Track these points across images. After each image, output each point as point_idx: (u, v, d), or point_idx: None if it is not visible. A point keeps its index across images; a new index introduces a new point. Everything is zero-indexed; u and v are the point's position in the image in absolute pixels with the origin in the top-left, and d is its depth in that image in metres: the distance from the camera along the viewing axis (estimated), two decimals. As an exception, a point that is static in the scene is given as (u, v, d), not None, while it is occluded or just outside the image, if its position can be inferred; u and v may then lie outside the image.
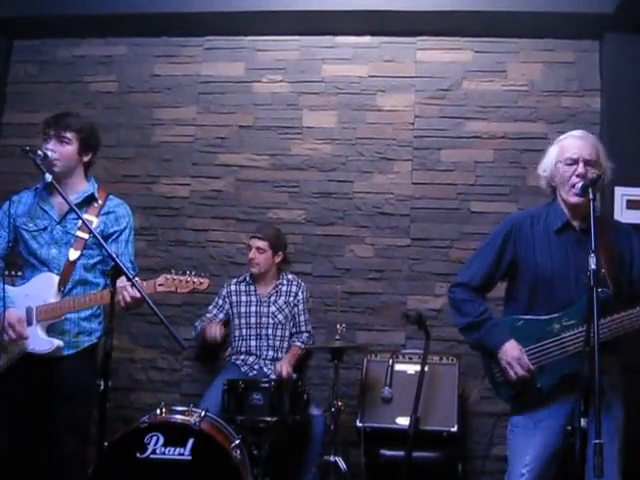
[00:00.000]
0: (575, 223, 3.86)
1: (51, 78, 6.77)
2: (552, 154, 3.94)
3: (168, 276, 4.05)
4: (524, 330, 3.83)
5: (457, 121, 6.19)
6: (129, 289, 3.91)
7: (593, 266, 3.30)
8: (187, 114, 6.49)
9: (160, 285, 4.04)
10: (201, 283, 4.08)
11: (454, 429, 5.15)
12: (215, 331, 5.57)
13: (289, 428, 5.01)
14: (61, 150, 4.24)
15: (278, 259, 5.80)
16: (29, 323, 4.12)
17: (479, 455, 5.65)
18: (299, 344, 5.71)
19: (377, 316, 6.07)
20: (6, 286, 4.15)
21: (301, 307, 5.79)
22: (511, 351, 3.78)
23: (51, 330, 4.15)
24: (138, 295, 3.84)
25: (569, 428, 3.37)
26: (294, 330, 5.78)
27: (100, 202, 4.37)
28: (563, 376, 3.72)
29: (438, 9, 5.98)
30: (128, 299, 3.89)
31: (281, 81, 6.43)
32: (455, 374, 5.39)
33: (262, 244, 5.72)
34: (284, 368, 5.41)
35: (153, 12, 6.33)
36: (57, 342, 4.11)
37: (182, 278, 4.05)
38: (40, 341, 4.11)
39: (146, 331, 6.18)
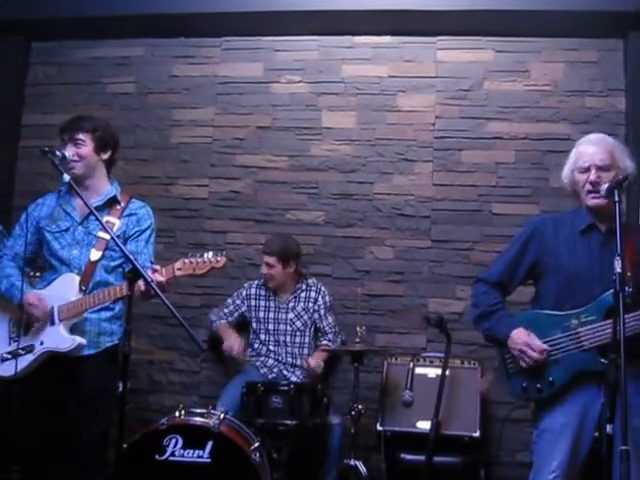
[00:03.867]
0: (600, 225, 3.85)
1: (69, 80, 6.76)
2: (570, 161, 3.98)
3: (186, 260, 4.04)
4: (539, 323, 3.83)
5: (478, 122, 6.13)
6: (150, 274, 3.90)
7: (618, 269, 3.30)
8: (205, 115, 6.46)
9: (179, 269, 4.03)
10: (218, 261, 4.05)
11: (476, 434, 5.12)
12: (237, 347, 5.56)
13: (309, 431, 4.96)
14: (78, 152, 4.25)
15: (291, 269, 5.72)
16: (52, 323, 4.14)
17: (502, 461, 5.58)
18: (325, 342, 5.68)
19: (397, 319, 6.01)
20: (30, 288, 4.21)
21: (322, 312, 5.73)
22: (520, 337, 3.80)
23: (73, 330, 4.15)
24: (161, 278, 3.90)
25: (597, 434, 3.34)
26: (319, 334, 5.75)
27: (122, 204, 4.39)
28: (577, 372, 3.71)
29: (459, 8, 5.92)
30: (143, 288, 3.86)
31: (300, 82, 6.39)
32: (477, 378, 5.35)
33: (270, 260, 5.66)
34: (313, 359, 5.44)
35: (171, 13, 6.31)
36: (79, 340, 4.12)
37: (199, 260, 4.03)
38: (63, 339, 4.12)
39: (165, 333, 6.16)
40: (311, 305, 5.74)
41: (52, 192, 4.48)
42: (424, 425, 5.07)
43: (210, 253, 4.05)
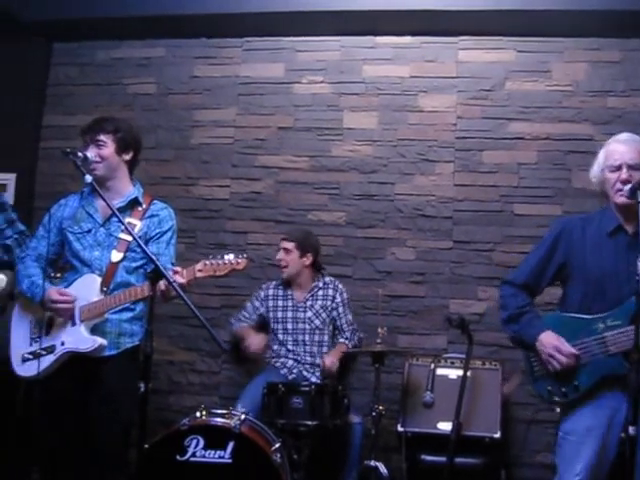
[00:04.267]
0: (627, 227, 3.80)
1: (90, 80, 6.80)
2: (599, 160, 3.91)
3: (207, 261, 4.01)
4: (566, 326, 3.77)
5: (500, 122, 6.11)
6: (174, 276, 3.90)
7: (640, 271, 3.26)
8: (226, 116, 6.48)
9: (199, 271, 4.00)
10: (238, 263, 4.01)
11: (497, 435, 5.08)
12: (256, 343, 5.53)
13: (329, 432, 4.95)
14: (99, 153, 4.24)
15: (307, 261, 5.69)
16: (73, 323, 4.13)
17: (523, 462, 5.56)
18: (343, 340, 5.64)
19: (419, 320, 6.01)
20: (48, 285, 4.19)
21: (340, 310, 5.70)
22: (549, 341, 3.74)
23: (94, 331, 4.14)
24: (182, 280, 3.89)
25: (623, 435, 3.31)
26: (336, 332, 5.72)
27: (144, 206, 4.37)
28: (603, 377, 3.66)
29: (480, 8, 5.90)
30: (163, 287, 3.86)
31: (321, 82, 6.39)
32: (498, 379, 5.32)
33: (289, 245, 5.65)
34: (328, 358, 5.39)
35: (192, 13, 6.32)
36: (100, 340, 4.10)
37: (220, 261, 4.00)
38: (83, 339, 4.10)
39: (185, 334, 6.17)
40: (329, 303, 5.71)
41: (75, 193, 4.47)
42: (445, 426, 5.05)
43: (231, 255, 4.02)
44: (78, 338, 4.11)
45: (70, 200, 4.43)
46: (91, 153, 4.21)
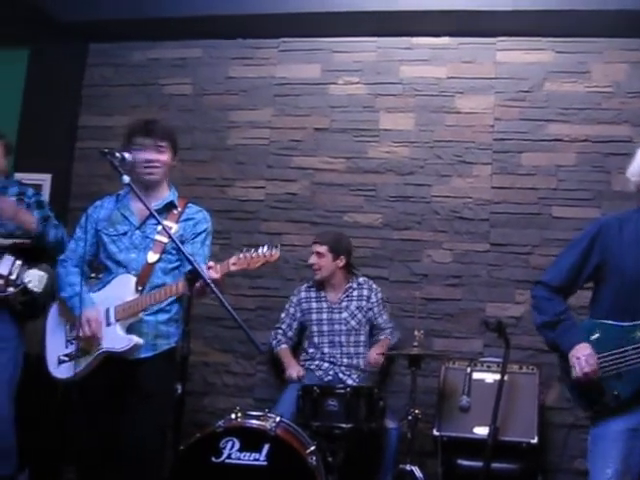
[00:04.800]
0: None
1: (126, 81, 6.83)
2: (638, 160, 3.82)
3: (240, 255, 4.03)
4: (604, 335, 3.70)
5: (538, 124, 6.04)
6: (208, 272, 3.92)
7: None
8: (262, 116, 6.47)
9: (234, 264, 4.01)
10: (272, 255, 4.03)
11: (534, 440, 5.03)
12: (297, 374, 5.52)
13: (364, 435, 4.91)
14: (161, 158, 4.28)
15: (341, 263, 5.68)
16: (108, 323, 4.14)
17: (560, 468, 5.49)
18: (385, 336, 5.65)
19: (455, 323, 5.96)
20: (91, 291, 4.23)
21: (377, 310, 5.69)
22: (582, 350, 3.67)
23: (130, 332, 4.15)
24: (215, 275, 3.91)
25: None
26: (375, 331, 5.71)
27: (179, 209, 4.39)
28: (642, 385, 3.62)
29: (518, 8, 5.84)
30: (197, 284, 3.85)
31: (358, 83, 6.36)
32: (535, 384, 5.27)
33: (321, 248, 5.65)
34: (373, 352, 5.44)
35: (228, 14, 6.33)
36: (136, 339, 4.11)
37: (253, 254, 4.01)
38: (119, 339, 4.11)
39: (220, 335, 6.18)
40: (364, 303, 5.70)
41: (110, 195, 4.50)
42: (481, 431, 5.02)
43: (265, 247, 4.04)
44: (114, 338, 4.12)
45: (105, 202, 4.45)
46: (149, 156, 4.24)
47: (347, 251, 5.72)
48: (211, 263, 3.99)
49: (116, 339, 4.11)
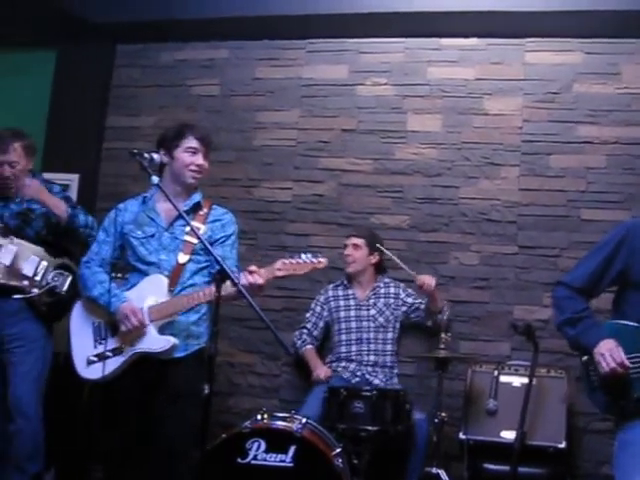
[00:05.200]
0: None
1: (153, 82, 6.85)
2: None
3: (286, 260, 4.07)
4: (627, 336, 3.63)
5: (567, 125, 5.99)
6: (248, 276, 3.95)
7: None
8: (289, 117, 6.47)
9: (279, 270, 4.06)
10: (320, 262, 4.08)
11: (562, 445, 4.99)
12: (325, 374, 5.52)
13: (390, 438, 4.87)
14: (204, 165, 4.36)
15: (374, 259, 5.73)
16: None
17: (587, 473, 5.45)
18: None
19: (482, 326, 5.91)
20: (122, 294, 4.22)
21: (409, 300, 5.74)
22: (606, 345, 3.60)
23: (162, 333, 4.15)
24: (260, 280, 3.97)
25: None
26: (412, 309, 5.75)
27: (205, 210, 4.41)
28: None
29: (547, 9, 5.80)
30: (231, 290, 3.86)
31: (385, 84, 6.34)
32: (563, 387, 5.22)
33: (358, 241, 5.69)
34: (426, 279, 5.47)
35: (255, 15, 6.33)
36: (174, 340, 4.11)
37: (300, 260, 4.06)
38: (155, 340, 4.12)
39: (245, 336, 6.17)
40: (392, 300, 5.71)
41: (133, 197, 4.51)
42: (508, 435, 4.98)
43: (309, 254, 4.07)
44: (149, 339, 4.13)
45: (129, 205, 4.45)
46: (200, 161, 4.32)
47: (380, 250, 5.75)
48: (253, 267, 4.01)
49: (152, 340, 4.12)
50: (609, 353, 3.58)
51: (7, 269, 4.82)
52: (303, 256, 4.05)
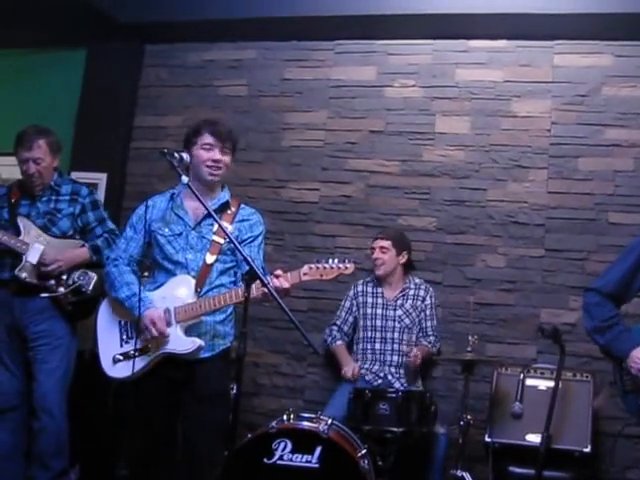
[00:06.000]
0: None
1: (181, 82, 6.88)
2: None
3: (312, 265, 4.05)
4: None
5: (596, 128, 5.96)
6: (274, 280, 3.93)
7: None
8: (317, 118, 6.48)
9: (305, 274, 4.04)
10: (347, 268, 4.04)
11: (587, 449, 4.97)
12: (353, 372, 5.51)
13: (415, 440, 4.87)
14: (225, 159, 4.31)
15: (403, 259, 5.73)
16: (168, 324, 4.13)
17: (612, 478, 5.42)
18: (426, 343, 5.62)
19: (508, 328, 5.89)
20: (144, 291, 4.20)
21: (428, 312, 5.70)
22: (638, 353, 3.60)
23: (188, 332, 4.15)
24: (286, 284, 3.95)
25: None
26: (420, 335, 5.68)
27: (233, 209, 4.39)
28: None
29: (577, 11, 5.77)
30: (259, 292, 3.86)
31: (413, 86, 6.34)
32: (589, 391, 5.20)
33: (385, 243, 5.68)
34: (414, 350, 5.39)
35: (283, 16, 6.35)
36: (199, 342, 4.10)
37: (327, 265, 4.03)
38: (181, 341, 4.12)
39: (271, 336, 6.19)
40: (419, 303, 5.70)
41: (160, 194, 4.49)
42: (534, 438, 4.96)
43: (336, 259, 4.05)
44: (175, 340, 4.12)
45: (157, 202, 4.42)
46: (219, 157, 4.26)
47: (409, 248, 5.78)
48: (279, 272, 4.00)
49: (178, 341, 4.12)
50: None
51: (34, 268, 4.87)
52: (330, 261, 4.03)
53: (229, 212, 4.36)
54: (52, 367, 4.89)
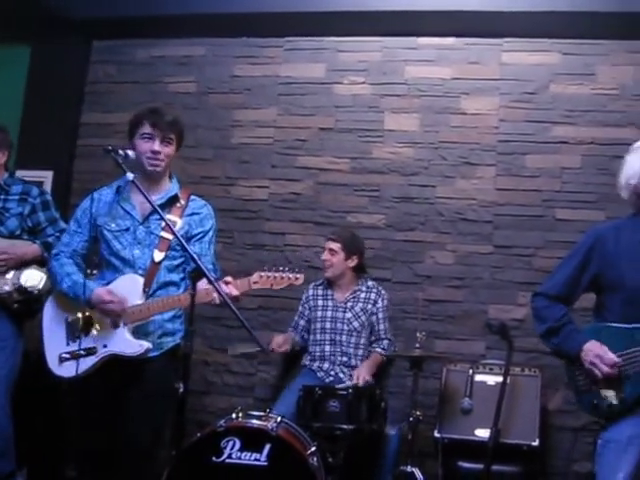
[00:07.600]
0: None
1: (130, 78, 6.82)
2: (637, 163, 3.81)
3: (262, 273, 4.02)
4: (608, 337, 3.66)
5: (543, 125, 6.02)
6: (224, 287, 3.84)
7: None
8: (267, 116, 6.46)
9: (255, 283, 4.02)
10: (297, 278, 4.07)
11: (535, 443, 5.04)
12: (279, 341, 5.50)
13: (365, 436, 4.89)
14: (167, 151, 4.16)
15: (352, 263, 5.65)
16: (115, 325, 4.06)
17: (560, 471, 5.47)
18: (380, 350, 5.57)
19: (457, 325, 5.94)
20: (92, 284, 4.10)
21: (380, 316, 5.64)
22: (592, 349, 3.64)
23: (136, 332, 4.08)
24: (235, 292, 3.92)
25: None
26: (373, 338, 5.65)
27: (183, 202, 4.27)
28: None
29: (525, 9, 5.82)
30: (217, 301, 3.83)
31: (363, 83, 6.35)
32: (537, 386, 5.26)
33: (334, 245, 5.61)
34: (361, 375, 5.26)
35: (232, 12, 6.31)
36: (147, 345, 4.03)
37: (277, 275, 4.02)
38: (129, 343, 4.04)
39: (220, 334, 6.16)
40: (370, 307, 5.65)
41: (107, 186, 4.33)
42: (483, 433, 4.99)
43: (287, 269, 4.06)
44: (122, 342, 4.05)
45: (103, 194, 4.28)
46: (157, 147, 4.11)
47: (360, 251, 5.69)
48: (229, 278, 3.95)
49: (126, 344, 4.04)
50: (599, 360, 3.61)
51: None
52: (281, 270, 4.01)
53: (178, 205, 4.24)
54: None
